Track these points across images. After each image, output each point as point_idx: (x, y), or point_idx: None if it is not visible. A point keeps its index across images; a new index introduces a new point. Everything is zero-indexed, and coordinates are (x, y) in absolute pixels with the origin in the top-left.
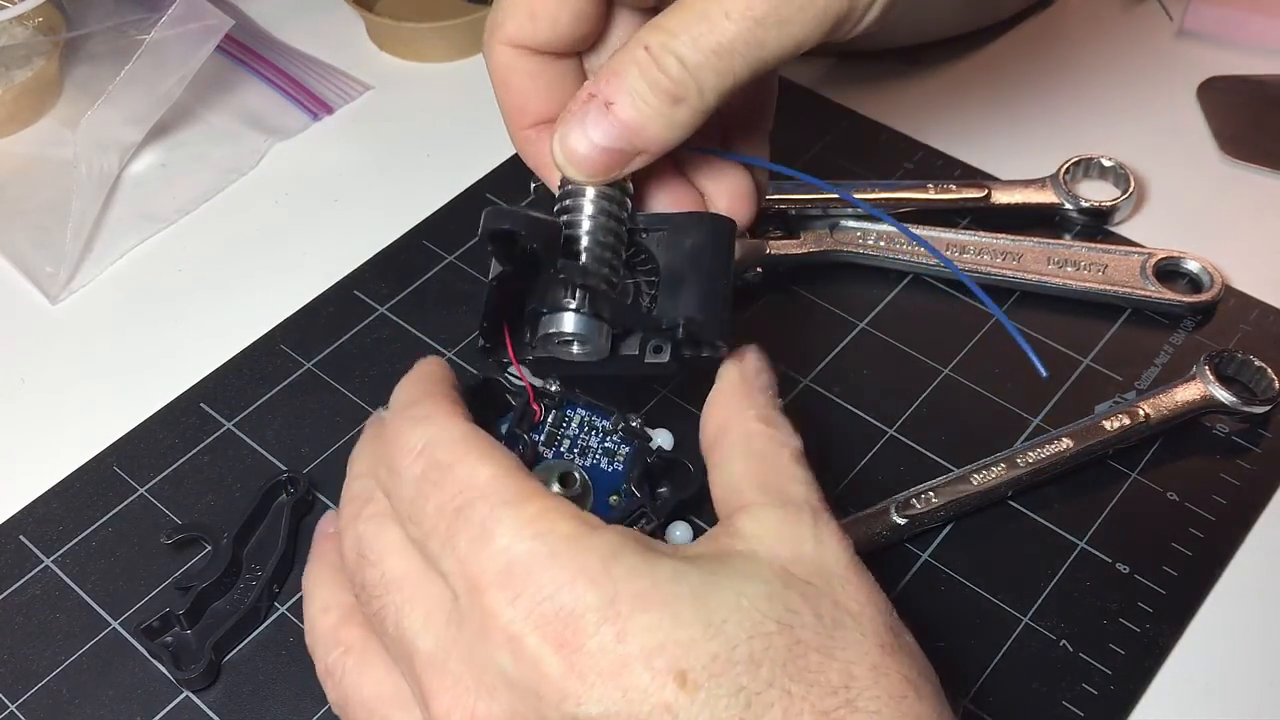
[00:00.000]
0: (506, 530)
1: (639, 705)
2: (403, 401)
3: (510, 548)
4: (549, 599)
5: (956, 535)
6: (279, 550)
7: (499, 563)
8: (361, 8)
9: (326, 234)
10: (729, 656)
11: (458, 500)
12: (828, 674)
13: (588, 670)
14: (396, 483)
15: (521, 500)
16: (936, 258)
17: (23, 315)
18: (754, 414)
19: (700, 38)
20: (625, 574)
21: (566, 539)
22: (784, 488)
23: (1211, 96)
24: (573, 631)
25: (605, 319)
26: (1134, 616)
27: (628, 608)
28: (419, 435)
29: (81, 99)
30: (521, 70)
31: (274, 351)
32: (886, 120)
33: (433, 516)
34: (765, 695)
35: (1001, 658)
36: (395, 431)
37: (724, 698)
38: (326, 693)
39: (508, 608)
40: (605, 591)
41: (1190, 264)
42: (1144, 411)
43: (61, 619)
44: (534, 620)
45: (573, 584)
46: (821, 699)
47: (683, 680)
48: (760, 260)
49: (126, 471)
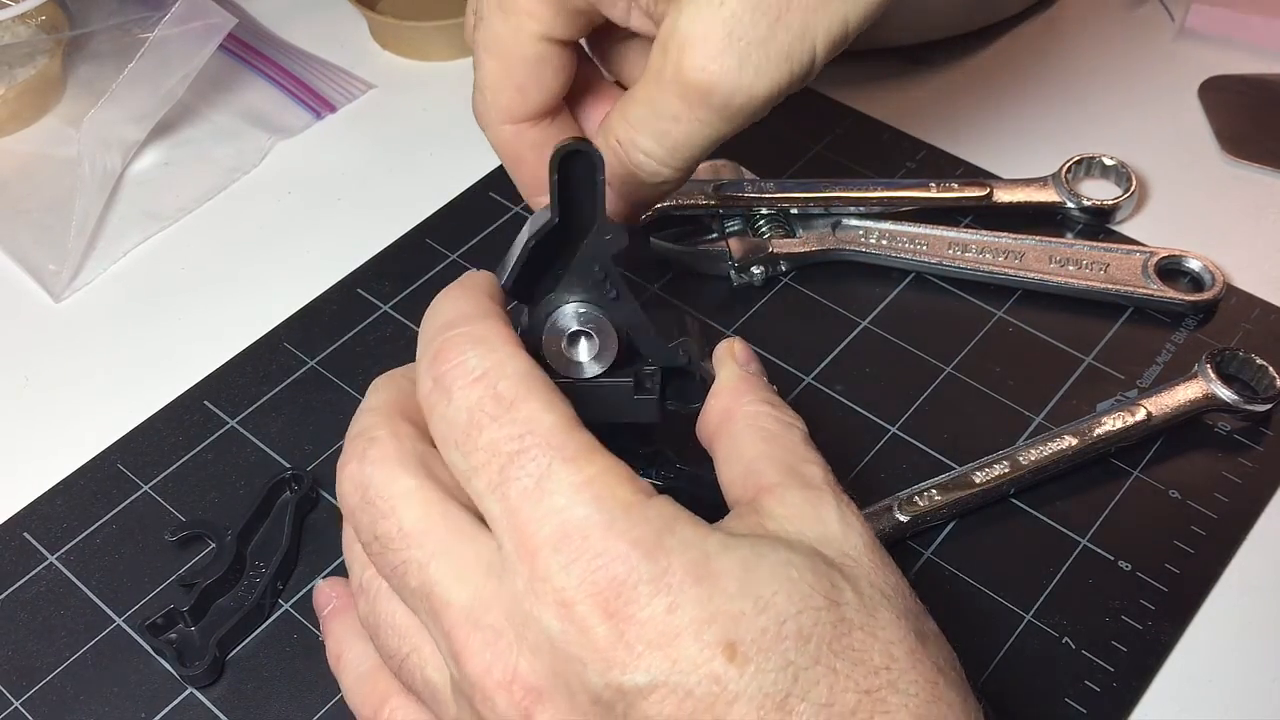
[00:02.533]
0: (564, 489)
1: (688, 676)
2: (455, 316)
3: (567, 509)
4: (604, 568)
5: (959, 533)
6: (283, 547)
7: (554, 523)
8: (364, 6)
9: (329, 232)
10: (778, 631)
11: (516, 443)
12: (870, 654)
13: (636, 640)
14: (447, 404)
15: (581, 458)
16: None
17: (26, 313)
18: (758, 396)
19: (659, 137)
20: (678, 546)
21: (624, 507)
22: (800, 469)
23: (1213, 96)
24: (624, 601)
25: (619, 323)
26: (1136, 614)
27: (679, 580)
28: (478, 359)
29: (84, 97)
30: (527, 143)
31: (277, 349)
32: (888, 119)
33: (484, 452)
34: (812, 671)
35: (1004, 655)
36: (452, 348)
37: (772, 672)
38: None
39: (561, 572)
40: (659, 564)
41: (1192, 263)
42: (1146, 410)
43: (65, 616)
44: (587, 588)
45: (628, 555)
46: (865, 678)
47: (732, 653)
48: (762, 259)
49: (130, 469)
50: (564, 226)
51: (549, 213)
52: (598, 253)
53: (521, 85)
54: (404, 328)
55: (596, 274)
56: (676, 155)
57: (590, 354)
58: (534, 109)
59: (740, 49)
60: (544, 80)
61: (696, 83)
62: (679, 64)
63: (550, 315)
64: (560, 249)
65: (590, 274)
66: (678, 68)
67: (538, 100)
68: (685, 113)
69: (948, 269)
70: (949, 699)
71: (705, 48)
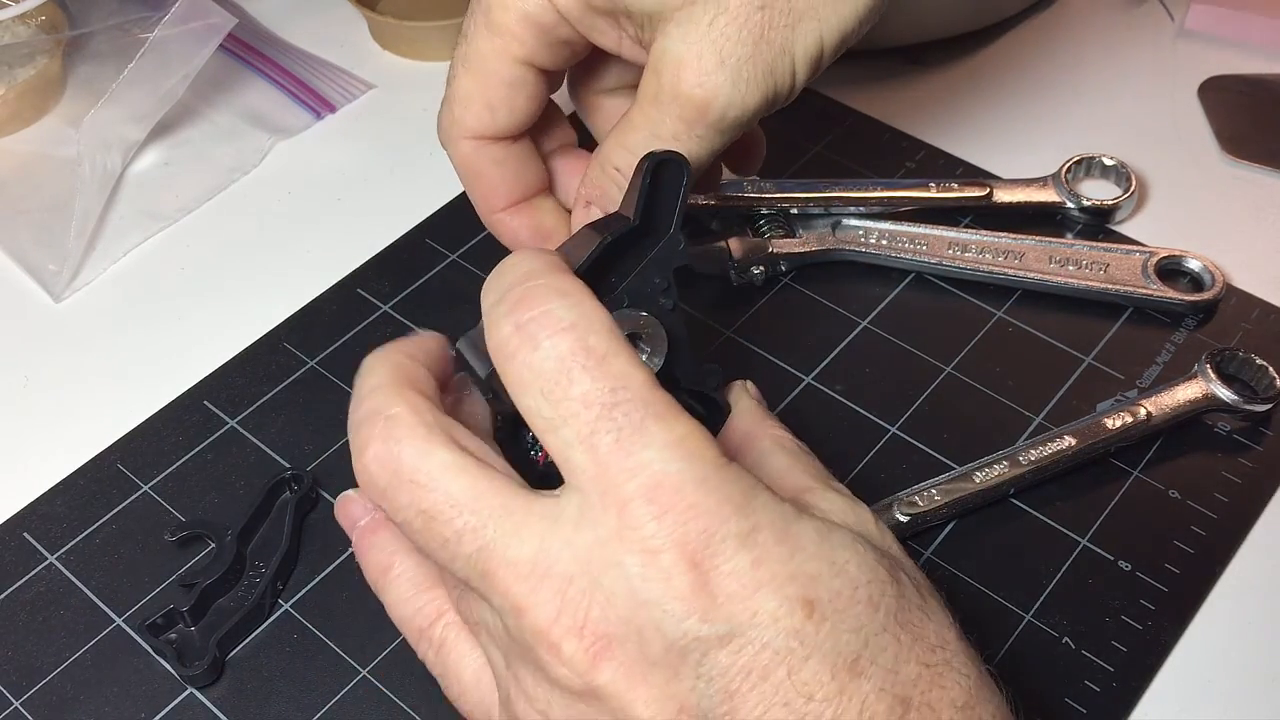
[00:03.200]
0: (657, 444)
1: (768, 629)
2: (534, 269)
3: (659, 463)
4: (694, 521)
5: (959, 533)
6: (283, 547)
7: (646, 476)
8: (364, 7)
9: (329, 232)
10: (852, 595)
11: (611, 396)
12: (927, 632)
13: (719, 591)
14: (532, 351)
15: (670, 417)
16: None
17: (26, 313)
18: (776, 424)
19: (654, 144)
20: (763, 507)
21: (715, 466)
22: (828, 482)
23: (1212, 96)
24: (711, 553)
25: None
26: (1136, 614)
27: (765, 538)
28: (565, 310)
29: (84, 97)
30: (487, 160)
31: (277, 349)
32: (888, 119)
33: (576, 402)
34: (881, 638)
35: (1004, 655)
36: (536, 296)
37: (846, 633)
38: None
39: (651, 522)
40: (749, 521)
41: (1192, 263)
42: (1146, 410)
43: (65, 616)
44: (675, 538)
45: (719, 510)
46: (924, 653)
47: (810, 610)
48: (762, 259)
49: (130, 469)
50: (638, 231)
51: (622, 215)
52: (665, 261)
53: (492, 104)
54: (404, 328)
55: (658, 284)
56: None
57: (642, 359)
58: (500, 129)
59: (732, 66)
60: (515, 103)
61: (694, 99)
62: (676, 83)
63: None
64: (629, 251)
65: (651, 282)
66: (675, 87)
67: (505, 121)
68: (685, 130)
69: (948, 269)
70: (992, 686)
71: (700, 65)
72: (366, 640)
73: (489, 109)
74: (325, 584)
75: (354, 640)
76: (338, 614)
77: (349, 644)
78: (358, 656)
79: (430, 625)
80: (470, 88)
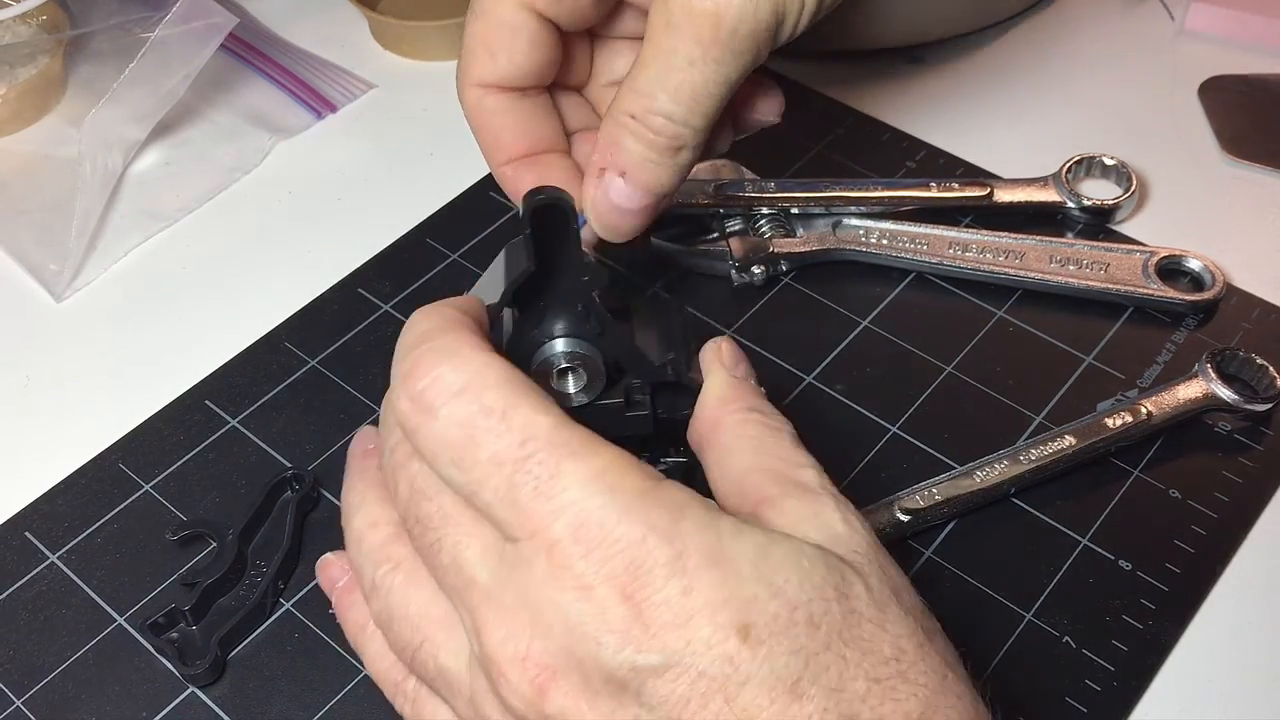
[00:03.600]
0: (576, 484)
1: (701, 656)
2: (422, 332)
3: (581, 501)
4: (621, 554)
5: (959, 532)
6: (284, 547)
7: (569, 515)
8: (364, 6)
9: (330, 232)
10: (790, 617)
11: (520, 450)
12: (880, 645)
13: (652, 621)
14: (432, 422)
15: (586, 452)
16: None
17: (27, 313)
18: (743, 404)
19: (676, 90)
20: (693, 529)
21: (638, 494)
22: (794, 476)
23: (1213, 96)
24: (640, 584)
25: (606, 353)
26: (1136, 613)
27: (695, 563)
28: (454, 373)
29: (85, 97)
30: (492, 108)
31: (278, 349)
32: (889, 119)
33: (486, 464)
34: (822, 657)
35: (1004, 654)
36: (426, 366)
37: (784, 655)
38: (369, 604)
39: (580, 560)
40: (675, 547)
41: (1192, 262)
42: (1146, 409)
43: (67, 615)
44: (604, 573)
45: (644, 540)
46: (874, 667)
47: (745, 635)
48: (762, 259)
49: (131, 468)
50: (542, 270)
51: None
52: (578, 293)
53: (492, 48)
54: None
55: (580, 311)
56: (696, 108)
57: (578, 386)
58: (501, 76)
59: None
60: (515, 48)
61: (707, 13)
62: (688, 3)
63: (537, 351)
64: (542, 286)
65: (574, 310)
66: (687, 5)
67: (506, 68)
68: (699, 53)
69: (948, 269)
70: (957, 691)
71: None
72: None
73: (489, 54)
74: None
75: None
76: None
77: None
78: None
79: (404, 679)
80: (477, 34)
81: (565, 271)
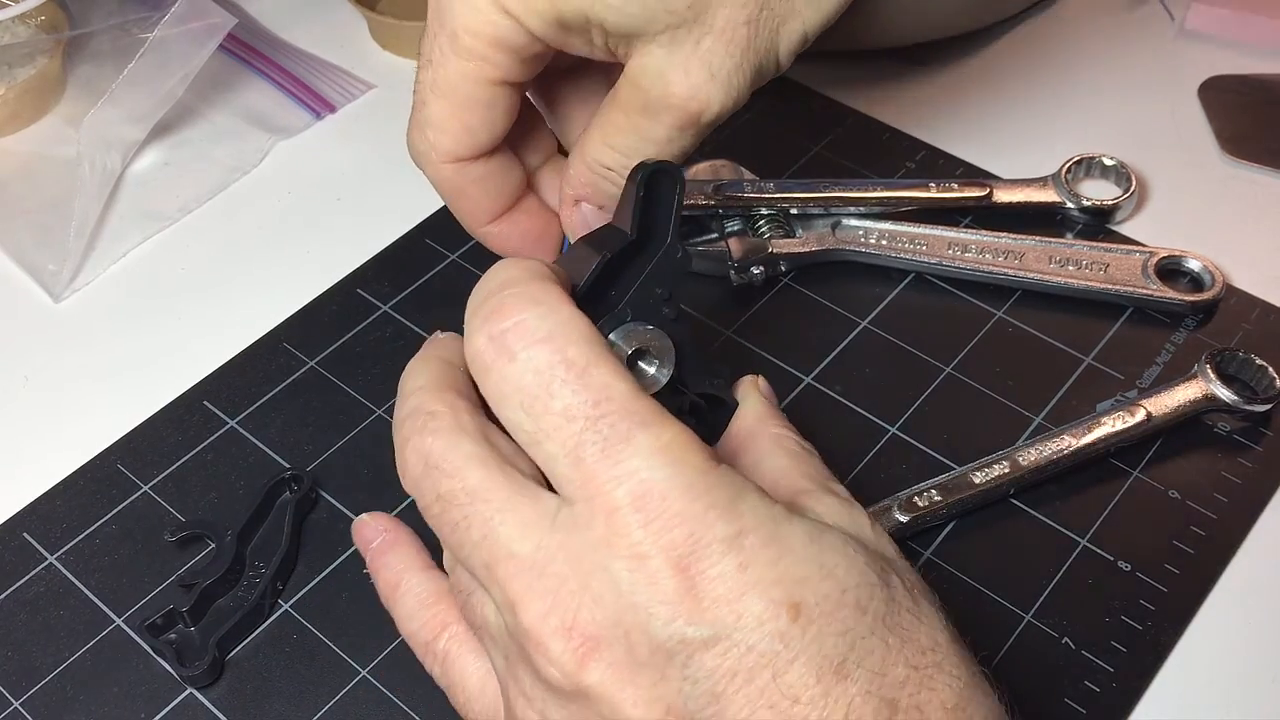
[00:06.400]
0: (642, 452)
1: (752, 632)
2: (509, 277)
3: (646, 471)
4: (680, 527)
5: (958, 533)
6: (282, 548)
7: (633, 484)
8: (364, 6)
9: (329, 232)
10: (839, 599)
11: (593, 409)
12: (918, 635)
13: (705, 594)
14: (508, 363)
15: (656, 424)
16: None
17: (26, 313)
18: (780, 422)
19: (644, 146)
20: (750, 509)
21: (701, 471)
22: (828, 484)
23: (1213, 96)
24: (696, 558)
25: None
26: (1136, 614)
27: (752, 541)
28: (539, 320)
29: (84, 97)
30: (470, 179)
31: (277, 350)
32: (888, 119)
33: (556, 416)
34: (868, 641)
35: (1004, 655)
36: (509, 306)
37: (832, 636)
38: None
39: (639, 529)
40: (735, 525)
41: (1192, 263)
42: (1145, 410)
43: (65, 616)
44: (662, 544)
45: (705, 515)
46: (913, 655)
47: (796, 613)
48: (762, 259)
49: (130, 469)
50: (635, 244)
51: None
52: (665, 272)
53: (471, 127)
54: (404, 328)
55: (659, 294)
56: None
57: (651, 371)
58: (480, 149)
59: (722, 77)
60: (494, 122)
61: (688, 109)
62: (665, 96)
63: (610, 334)
64: (623, 266)
65: (653, 293)
66: (665, 100)
67: (486, 141)
68: (678, 134)
69: (948, 269)
70: (984, 688)
71: (689, 81)
72: (366, 640)
73: (468, 132)
74: (325, 584)
75: (353, 640)
76: (337, 614)
77: (348, 644)
78: (357, 657)
79: (435, 638)
80: (444, 113)
81: (655, 250)
